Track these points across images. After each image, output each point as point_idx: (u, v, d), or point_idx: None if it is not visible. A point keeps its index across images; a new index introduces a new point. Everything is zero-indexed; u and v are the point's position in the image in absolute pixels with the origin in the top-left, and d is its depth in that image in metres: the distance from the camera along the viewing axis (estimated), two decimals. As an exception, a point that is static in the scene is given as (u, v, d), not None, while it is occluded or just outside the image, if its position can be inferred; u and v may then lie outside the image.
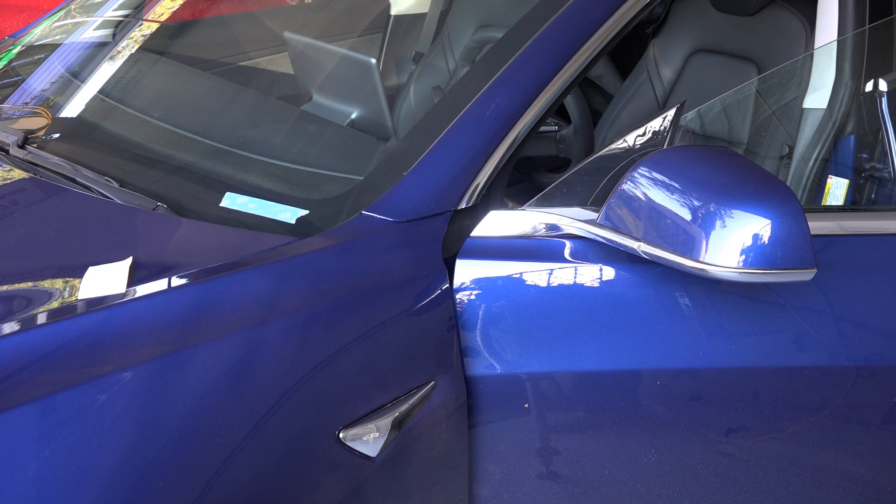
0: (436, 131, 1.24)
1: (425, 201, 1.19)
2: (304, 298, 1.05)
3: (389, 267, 1.13)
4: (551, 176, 2.14)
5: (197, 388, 0.95)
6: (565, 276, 1.20)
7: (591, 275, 1.20)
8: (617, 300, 1.20)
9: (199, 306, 1.01)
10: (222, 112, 1.60)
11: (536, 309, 1.18)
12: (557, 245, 1.22)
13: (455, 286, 1.17)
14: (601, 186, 1.22)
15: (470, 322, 1.17)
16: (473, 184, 1.21)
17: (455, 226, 1.21)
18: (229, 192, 1.28)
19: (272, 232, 1.19)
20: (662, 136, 1.22)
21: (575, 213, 1.21)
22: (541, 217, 1.22)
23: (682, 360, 1.21)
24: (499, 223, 1.22)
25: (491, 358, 1.19)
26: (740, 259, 1.05)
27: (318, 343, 1.04)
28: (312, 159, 1.44)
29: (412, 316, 1.12)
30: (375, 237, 1.15)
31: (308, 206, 1.25)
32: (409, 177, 1.21)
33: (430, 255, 1.16)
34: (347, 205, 1.24)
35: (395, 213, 1.18)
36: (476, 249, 1.20)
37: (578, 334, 1.19)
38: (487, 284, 1.19)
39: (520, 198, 1.38)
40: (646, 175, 1.12)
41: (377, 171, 1.29)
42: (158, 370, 0.94)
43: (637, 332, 1.20)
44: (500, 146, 1.22)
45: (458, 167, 1.21)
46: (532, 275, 1.20)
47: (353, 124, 1.64)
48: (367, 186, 1.27)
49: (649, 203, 1.11)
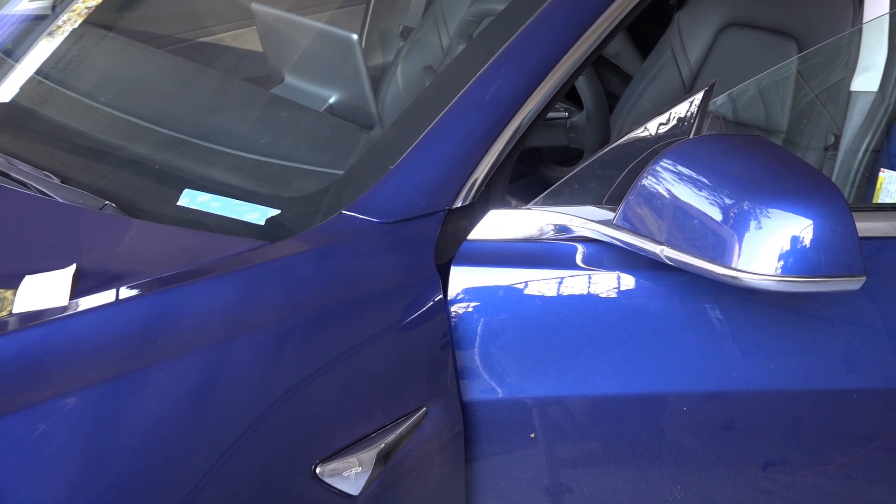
0: (427, 118, 1.25)
1: (415, 199, 1.20)
2: (275, 312, 1.06)
3: (374, 275, 1.14)
4: (560, 170, 2.15)
5: (151, 417, 0.95)
6: (577, 286, 1.21)
7: (606, 284, 1.21)
8: (637, 313, 1.21)
9: (153, 321, 1.02)
10: (180, 96, 1.61)
11: (544, 324, 1.19)
12: (567, 249, 1.23)
13: (449, 297, 1.18)
14: (618, 182, 1.24)
15: (467, 339, 1.18)
16: (471, 179, 1.22)
17: (450, 227, 1.22)
18: (188, 190, 1.30)
19: (238, 235, 1.20)
20: (688, 123, 1.23)
21: (588, 213, 1.22)
22: (548, 217, 1.23)
23: (712, 382, 1.22)
24: (500, 224, 1.23)
25: (491, 380, 1.20)
26: (778, 265, 1.05)
27: (291, 363, 1.04)
28: (284, 151, 1.45)
29: (400, 332, 1.13)
30: (358, 241, 1.16)
31: (279, 206, 1.27)
32: (397, 171, 1.22)
33: (420, 261, 1.17)
34: (325, 203, 1.25)
35: (381, 213, 1.19)
36: (474, 254, 1.21)
37: (592, 353, 1.20)
38: (487, 295, 1.19)
39: (524, 195, 1.39)
40: (669, 168, 1.13)
41: (359, 165, 1.30)
42: (106, 396, 0.94)
43: (660, 350, 1.21)
44: (501, 136, 1.24)
45: (453, 160, 1.22)
46: (538, 284, 1.20)
47: (331, 110, 1.65)
48: (348, 182, 1.28)
49: (673, 201, 1.11)
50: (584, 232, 1.21)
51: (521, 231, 1.23)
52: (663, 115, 1.24)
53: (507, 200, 1.28)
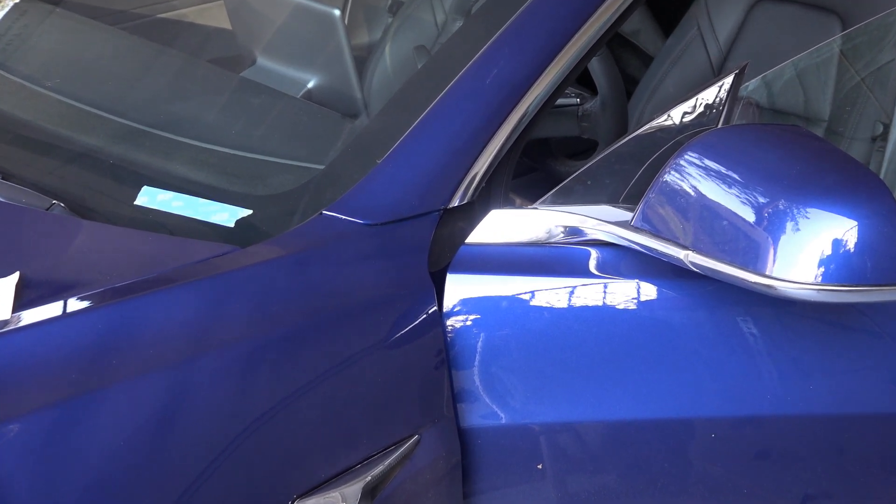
0: (419, 106, 1.26)
1: (406, 198, 1.20)
2: (246, 327, 1.06)
3: (359, 284, 1.14)
4: (571, 164, 2.16)
5: (105, 447, 0.95)
6: (590, 296, 1.21)
7: (623, 294, 1.21)
8: (658, 327, 1.21)
9: (107, 338, 1.01)
10: (137, 81, 1.61)
11: (552, 339, 1.20)
12: (579, 255, 1.23)
13: (445, 308, 1.18)
14: (637, 178, 1.24)
15: (465, 356, 1.19)
16: (469, 175, 1.23)
17: (445, 230, 1.22)
18: (147, 187, 1.29)
19: (204, 238, 1.20)
20: (717, 111, 1.24)
21: (602, 213, 1.22)
22: (557, 218, 1.24)
23: (744, 405, 1.22)
24: (503, 226, 1.24)
25: (493, 404, 1.20)
26: (818, 272, 1.06)
27: (265, 385, 1.04)
28: (257, 143, 1.46)
29: (389, 349, 1.13)
30: (340, 245, 1.17)
31: (251, 205, 1.27)
32: (385, 166, 1.22)
33: (412, 267, 1.17)
34: (303, 203, 1.26)
35: (367, 214, 1.19)
36: (473, 260, 1.21)
37: (608, 372, 1.20)
38: (488, 306, 1.20)
39: (530, 193, 1.39)
40: (695, 163, 1.13)
41: (342, 159, 1.31)
42: (54, 423, 0.94)
43: (685, 369, 1.21)
44: (503, 125, 1.24)
45: (449, 153, 1.23)
46: (546, 294, 1.21)
47: (309, 96, 1.66)
48: (330, 178, 1.29)
49: (700, 199, 1.12)
50: (597, 234, 1.22)
51: (527, 233, 1.24)
52: (688, 102, 1.25)
53: (510, 199, 1.29)
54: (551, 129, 2.06)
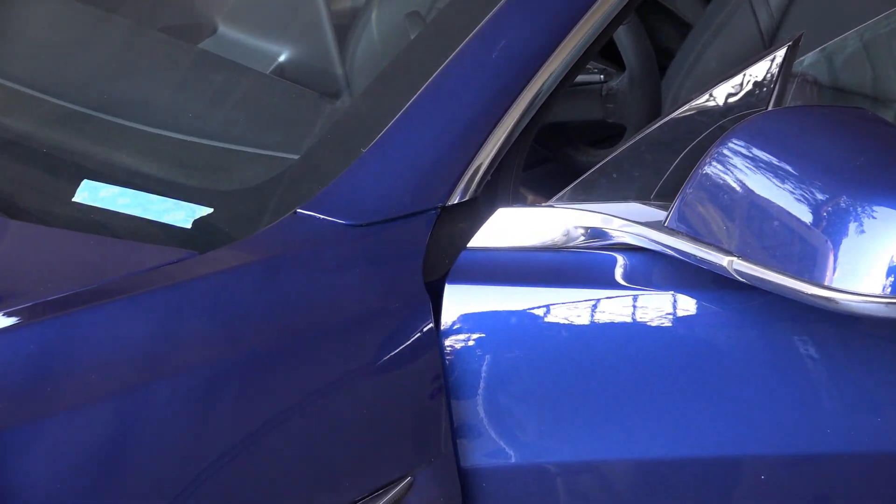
0: (412, 84, 1.26)
1: (396, 194, 1.21)
2: (205, 348, 1.06)
3: (340, 297, 1.15)
4: (594, 153, 2.15)
5: (40, 486, 0.95)
6: (616, 311, 1.21)
7: (656, 308, 1.22)
8: (698, 348, 1.21)
9: (40, 361, 1.01)
10: (75, 54, 1.60)
11: (571, 363, 1.20)
12: (603, 261, 1.23)
13: (443, 326, 1.18)
14: (672, 170, 1.24)
15: (466, 383, 1.19)
16: (472, 166, 1.23)
17: (443, 232, 1.22)
18: (87, 181, 1.29)
19: (155, 242, 1.20)
20: (767, 90, 1.24)
21: (631, 212, 1.22)
22: (577, 218, 1.23)
23: (800, 441, 1.22)
24: (511, 227, 1.24)
25: (500, 440, 1.20)
26: (887, 283, 1.05)
27: (227, 418, 1.05)
28: (218, 128, 1.46)
29: (376, 374, 1.13)
30: (318, 250, 1.17)
31: (212, 202, 1.27)
32: (371, 155, 1.23)
33: (403, 277, 1.18)
34: (274, 199, 1.26)
35: (350, 213, 1.19)
36: (476, 268, 1.21)
37: (638, 402, 1.20)
38: (494, 324, 1.20)
39: (545, 187, 1.41)
40: (741, 152, 1.14)
41: (320, 147, 1.31)
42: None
43: (730, 398, 1.21)
44: (513, 108, 1.24)
45: (448, 140, 1.23)
46: (564, 308, 1.21)
47: (281, 71, 1.67)
48: (305, 171, 1.29)
49: (747, 196, 1.12)
50: (625, 237, 1.22)
51: (540, 236, 1.24)
52: (733, 79, 1.25)
53: (521, 195, 1.30)
54: (570, 112, 2.05)
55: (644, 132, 1.27)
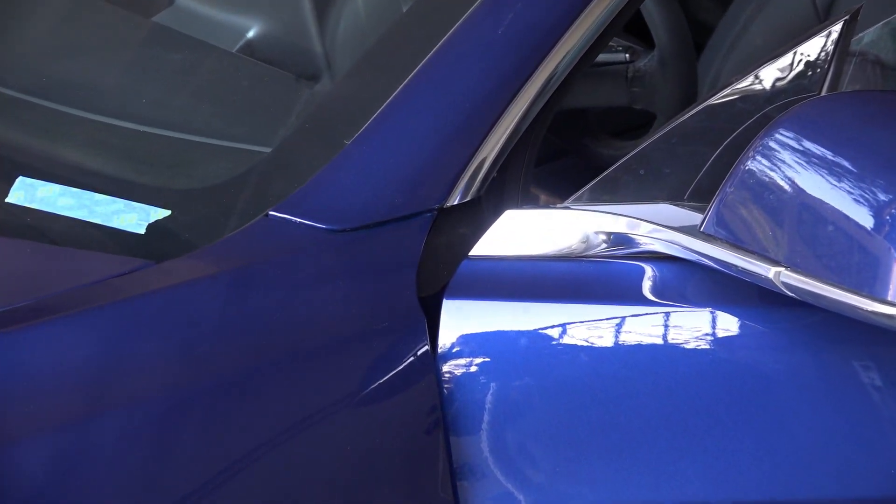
0: (404, 64, 1.26)
1: (385, 193, 1.22)
2: (161, 374, 1.06)
3: (319, 314, 1.15)
4: (618, 145, 2.14)
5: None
6: (644, 331, 1.21)
7: (691, 328, 1.22)
8: (741, 375, 1.21)
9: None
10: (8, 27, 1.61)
11: (592, 392, 1.19)
12: (629, 273, 1.24)
13: (441, 349, 1.18)
14: (709, 165, 1.25)
15: (468, 417, 1.18)
16: (474, 161, 1.23)
17: (441, 238, 1.23)
18: (23, 178, 1.29)
19: (103, 250, 1.21)
20: (821, 71, 1.24)
21: (661, 215, 1.23)
22: (598, 221, 1.24)
23: (862, 485, 1.22)
24: (521, 233, 1.24)
25: (507, 483, 1.19)
26: (965, 298, 1.04)
27: (186, 458, 1.04)
28: (177, 115, 1.46)
29: (362, 406, 1.13)
30: (294, 260, 1.17)
31: (169, 203, 1.27)
32: (356, 148, 1.23)
33: (394, 291, 1.18)
34: (242, 200, 1.27)
35: (331, 216, 1.20)
36: (479, 281, 1.22)
37: (671, 439, 1.20)
38: (500, 346, 1.20)
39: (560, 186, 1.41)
40: (790, 144, 1.14)
41: (297, 139, 1.32)
42: None
43: (779, 434, 1.21)
44: (522, 92, 1.24)
45: (447, 130, 1.24)
46: (582, 329, 1.20)
47: (250, 49, 1.66)
48: (279, 166, 1.29)
49: (797, 196, 1.12)
50: (654, 245, 1.22)
51: (555, 243, 1.24)
52: (782, 59, 1.25)
53: (532, 195, 1.30)
54: (590, 97, 2.04)
55: (676, 121, 1.27)
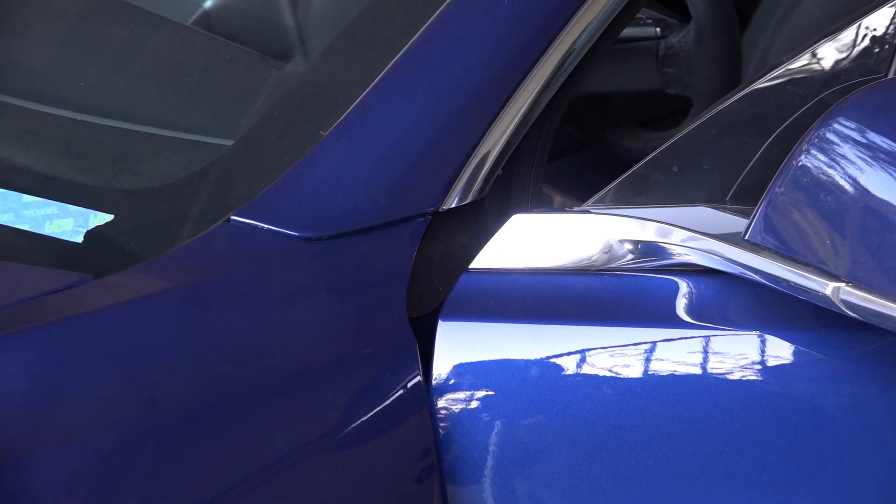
0: (392, 40, 1.27)
1: (370, 194, 1.22)
2: (104, 408, 1.06)
3: (291, 339, 1.16)
4: (646, 137, 2.15)
5: None
6: (681, 358, 1.21)
7: (735, 354, 1.21)
8: (794, 409, 1.21)
9: None
10: None
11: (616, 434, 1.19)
12: (660, 289, 1.24)
13: (436, 380, 1.19)
14: (755, 161, 1.25)
15: (467, 462, 1.19)
16: (475, 156, 1.24)
17: (436, 247, 1.24)
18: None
19: (33, 263, 1.21)
20: (889, 49, 1.25)
21: (697, 220, 1.23)
22: (623, 228, 1.24)
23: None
24: (531, 241, 1.25)
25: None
26: None
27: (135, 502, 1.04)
28: (122, 101, 1.47)
29: (342, 448, 1.14)
30: (261, 274, 1.18)
31: (112, 206, 1.27)
32: (335, 140, 1.24)
33: (380, 311, 1.19)
34: (198, 202, 1.27)
35: (304, 221, 1.21)
36: (482, 299, 1.23)
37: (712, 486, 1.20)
38: (506, 378, 1.20)
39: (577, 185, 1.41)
40: (852, 135, 1.14)
41: (264, 129, 1.32)
42: None
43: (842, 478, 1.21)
44: (532, 75, 1.25)
45: (442, 120, 1.25)
46: (604, 357, 1.21)
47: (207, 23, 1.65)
48: (243, 161, 1.30)
49: (860, 197, 1.12)
50: (690, 256, 1.22)
51: (572, 254, 1.24)
52: (842, 35, 1.26)
53: (544, 196, 1.30)
54: (613, 80, 2.05)
55: (717, 108, 1.27)
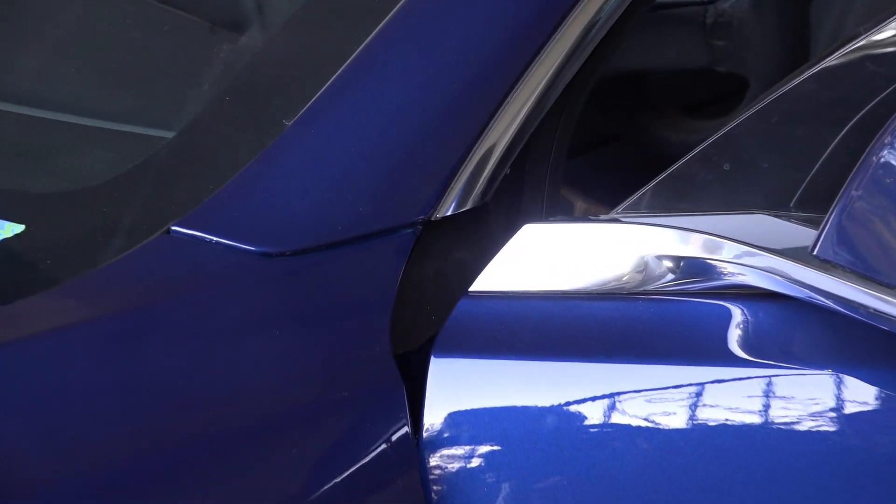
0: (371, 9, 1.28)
1: (345, 201, 1.23)
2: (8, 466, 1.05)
3: (246, 380, 1.15)
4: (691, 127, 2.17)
5: None
6: (735, 403, 1.20)
7: (805, 398, 1.20)
8: (881, 467, 1.20)
9: None
10: None
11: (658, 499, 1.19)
12: (709, 316, 1.25)
13: (426, 434, 1.19)
14: (824, 158, 1.25)
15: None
16: (476, 153, 1.25)
17: (428, 265, 1.25)
18: None
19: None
20: None
21: (754, 231, 1.22)
22: (662, 241, 1.23)
23: None
24: (546, 257, 1.24)
25: None
26: None
27: None
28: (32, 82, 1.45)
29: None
30: (208, 298, 1.19)
31: (21, 216, 1.28)
32: (300, 133, 1.25)
33: (358, 345, 1.19)
34: (130, 209, 1.27)
35: (263, 233, 1.22)
36: (485, 330, 1.23)
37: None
38: (515, 429, 1.19)
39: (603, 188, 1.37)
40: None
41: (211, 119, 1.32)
42: None
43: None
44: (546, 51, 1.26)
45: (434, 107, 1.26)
46: (640, 403, 1.20)
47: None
48: (186, 160, 1.30)
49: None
50: (744, 276, 1.20)
51: (597, 273, 1.24)
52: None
53: (562, 201, 1.28)
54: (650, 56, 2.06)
55: (778, 91, 1.27)
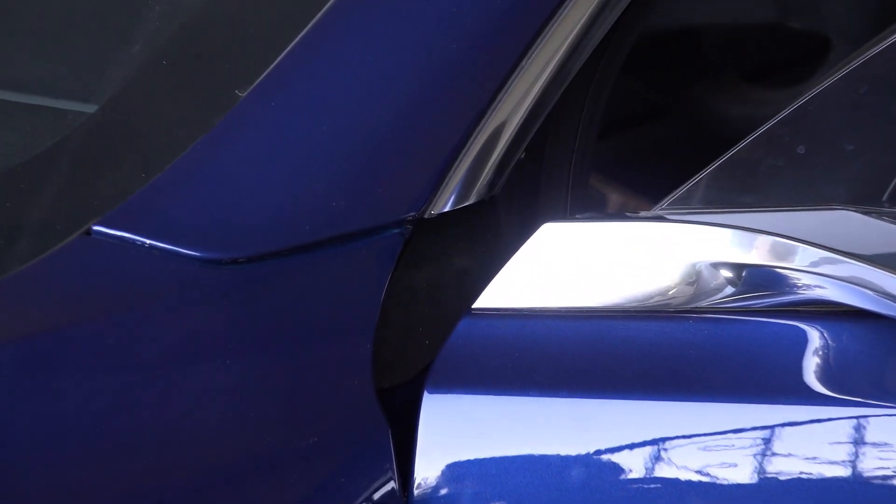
0: None
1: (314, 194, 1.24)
2: None
3: (187, 419, 1.16)
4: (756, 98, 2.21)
5: None
6: (815, 451, 1.22)
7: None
8: None
9: None
10: None
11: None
12: (780, 339, 1.26)
13: (418, 490, 1.20)
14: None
15: None
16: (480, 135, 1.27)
17: (420, 274, 1.28)
18: None
19: None
20: None
21: (835, 232, 1.24)
22: (717, 244, 1.24)
23: None
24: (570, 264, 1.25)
25: None
26: None
27: None
28: None
29: None
30: (142, 316, 1.19)
31: None
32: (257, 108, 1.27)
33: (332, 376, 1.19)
34: (41, 206, 1.31)
35: (211, 235, 1.22)
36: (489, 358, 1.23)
37: None
38: (530, 481, 1.20)
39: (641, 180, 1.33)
40: None
41: (143, 89, 1.38)
42: None
43: None
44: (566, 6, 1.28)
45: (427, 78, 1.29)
46: (690, 451, 1.21)
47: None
48: (110, 143, 1.34)
49: None
50: (824, 288, 1.22)
51: (636, 285, 1.25)
52: None
53: (591, 193, 1.24)
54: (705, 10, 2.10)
55: (866, 55, 1.29)
